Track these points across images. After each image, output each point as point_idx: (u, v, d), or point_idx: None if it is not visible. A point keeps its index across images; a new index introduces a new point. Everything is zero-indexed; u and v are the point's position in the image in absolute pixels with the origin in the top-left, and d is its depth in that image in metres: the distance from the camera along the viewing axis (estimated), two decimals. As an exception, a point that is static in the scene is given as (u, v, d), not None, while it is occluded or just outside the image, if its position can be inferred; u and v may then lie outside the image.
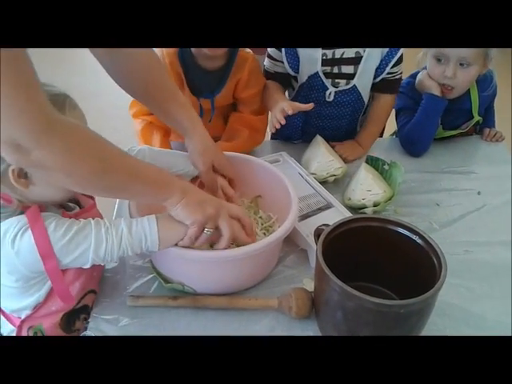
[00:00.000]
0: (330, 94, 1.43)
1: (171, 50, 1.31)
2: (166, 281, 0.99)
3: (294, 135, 1.57)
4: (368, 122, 1.54)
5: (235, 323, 0.95)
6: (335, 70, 1.39)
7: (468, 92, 1.51)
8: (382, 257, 0.92)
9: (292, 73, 1.43)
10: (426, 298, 0.75)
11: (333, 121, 1.51)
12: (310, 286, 0.99)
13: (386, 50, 1.37)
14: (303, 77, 1.42)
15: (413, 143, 1.52)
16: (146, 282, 1.03)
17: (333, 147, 1.47)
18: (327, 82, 1.41)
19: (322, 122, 1.51)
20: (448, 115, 1.49)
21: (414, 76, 1.55)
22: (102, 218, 0.95)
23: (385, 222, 0.91)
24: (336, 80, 1.41)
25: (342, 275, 0.78)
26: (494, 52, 1.40)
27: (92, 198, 1.00)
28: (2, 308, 0.93)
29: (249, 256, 0.91)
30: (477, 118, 1.55)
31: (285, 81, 1.49)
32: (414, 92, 1.53)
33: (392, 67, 1.40)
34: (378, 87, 1.46)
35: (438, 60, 1.42)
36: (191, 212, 0.86)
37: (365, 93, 1.46)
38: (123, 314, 0.96)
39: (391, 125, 1.65)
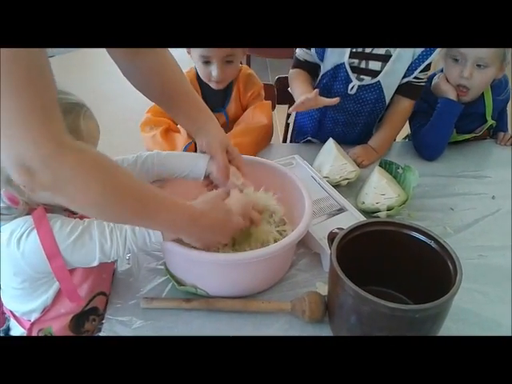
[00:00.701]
0: (353, 87, 1.43)
1: (191, 73, 1.48)
2: (179, 283, 0.99)
3: (310, 127, 1.57)
4: (384, 125, 1.53)
5: (248, 326, 0.95)
6: (362, 64, 1.40)
7: (482, 96, 1.51)
8: (396, 261, 0.91)
9: (317, 60, 1.44)
10: (442, 303, 0.75)
11: (350, 116, 1.51)
12: (323, 289, 0.98)
13: (418, 53, 1.37)
14: (327, 65, 1.43)
15: (427, 147, 1.51)
16: (160, 285, 1.03)
17: (347, 153, 1.46)
18: (352, 76, 1.41)
19: (339, 115, 1.50)
20: (462, 119, 1.49)
21: (429, 79, 1.54)
22: None
23: (399, 227, 0.91)
24: (361, 76, 1.42)
25: (355, 279, 0.78)
26: (510, 56, 1.40)
27: None
28: (13, 311, 0.94)
29: (262, 259, 0.91)
30: (490, 121, 1.54)
31: (313, 70, 1.50)
32: (428, 95, 1.52)
33: (420, 72, 1.40)
34: (401, 90, 1.46)
35: (455, 60, 1.41)
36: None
37: (388, 93, 1.45)
38: (137, 316, 0.96)
39: (404, 128, 1.65)
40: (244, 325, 0.95)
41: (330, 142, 1.43)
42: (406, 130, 1.69)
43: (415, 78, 1.42)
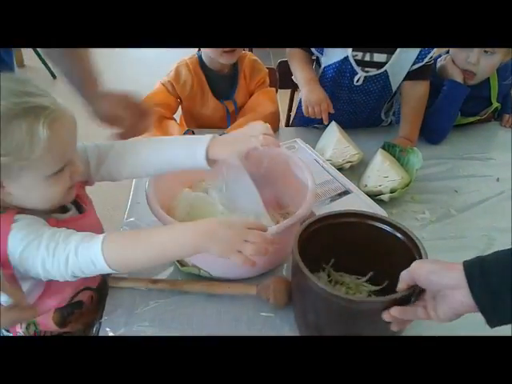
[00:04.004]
0: (359, 78, 1.41)
1: (193, 60, 1.48)
2: (182, 264, 0.99)
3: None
4: (410, 113, 1.47)
5: (250, 307, 0.94)
6: (366, 57, 1.37)
7: (487, 79, 1.49)
8: (364, 251, 0.90)
9: (316, 53, 1.44)
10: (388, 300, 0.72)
11: (357, 107, 1.51)
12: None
13: None
14: (330, 59, 1.41)
15: (433, 131, 1.50)
16: (163, 265, 1.02)
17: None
18: (357, 68, 1.39)
19: (345, 106, 1.50)
20: (467, 102, 1.48)
21: (434, 61, 1.52)
22: (99, 224, 0.94)
23: (364, 218, 0.89)
24: (366, 68, 1.39)
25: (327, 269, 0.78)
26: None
27: (89, 202, 0.94)
28: None
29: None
30: (495, 104, 1.53)
31: (308, 49, 1.48)
32: (433, 77, 1.50)
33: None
34: (415, 74, 1.41)
35: None
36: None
37: (395, 80, 1.43)
38: (139, 299, 0.95)
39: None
40: (246, 304, 0.95)
41: (333, 125, 1.42)
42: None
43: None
